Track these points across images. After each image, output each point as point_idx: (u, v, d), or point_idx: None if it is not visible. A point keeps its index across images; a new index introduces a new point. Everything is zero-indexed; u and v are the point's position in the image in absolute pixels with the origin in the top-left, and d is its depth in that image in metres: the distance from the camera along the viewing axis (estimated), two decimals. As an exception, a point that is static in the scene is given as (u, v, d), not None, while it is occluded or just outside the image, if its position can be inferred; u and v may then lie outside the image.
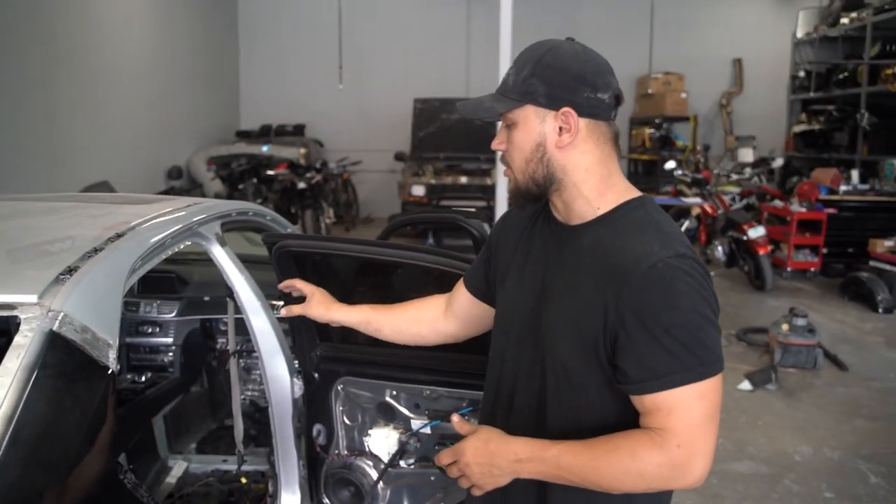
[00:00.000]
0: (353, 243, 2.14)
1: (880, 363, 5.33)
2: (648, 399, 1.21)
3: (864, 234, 7.62)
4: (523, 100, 1.31)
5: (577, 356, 1.29)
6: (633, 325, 1.20)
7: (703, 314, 1.20)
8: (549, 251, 1.40)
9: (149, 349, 3.19)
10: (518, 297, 1.43)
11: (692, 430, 1.19)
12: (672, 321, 1.18)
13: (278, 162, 9.57)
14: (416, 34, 12.12)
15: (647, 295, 1.20)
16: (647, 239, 1.26)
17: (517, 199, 1.39)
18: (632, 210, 1.32)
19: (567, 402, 1.32)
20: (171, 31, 9.42)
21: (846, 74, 10.94)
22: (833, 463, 3.75)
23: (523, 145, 1.33)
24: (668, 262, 1.21)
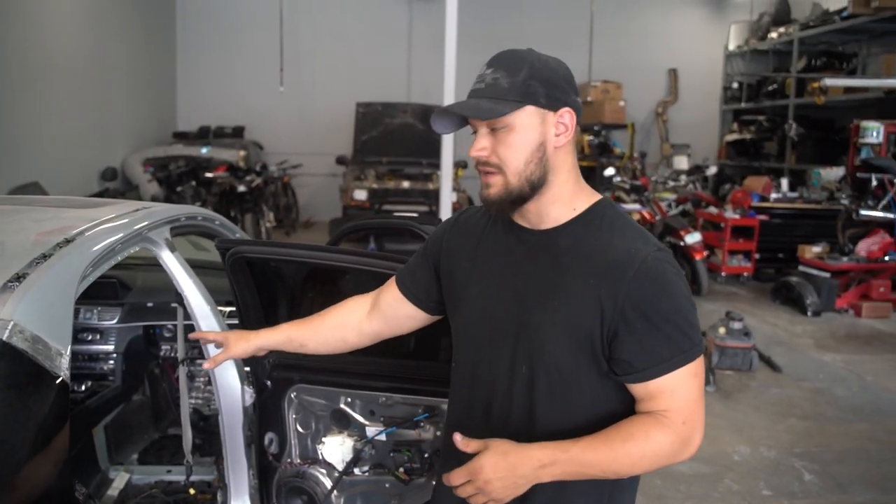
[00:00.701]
0: (308, 249, 2.11)
1: (810, 364, 5.54)
2: (653, 384, 1.28)
3: (794, 240, 7.92)
4: (525, 101, 1.31)
5: (571, 353, 1.32)
6: (635, 317, 1.27)
7: (689, 298, 1.32)
8: (517, 258, 1.41)
9: (88, 357, 3.08)
10: (488, 305, 1.43)
11: (692, 406, 1.30)
12: (670, 308, 1.28)
13: (217, 164, 9.37)
14: (359, 37, 12.06)
15: (644, 287, 1.27)
16: (630, 236, 1.33)
17: (503, 204, 1.36)
18: (604, 210, 1.39)
19: (560, 401, 1.35)
20: (105, 29, 9.13)
21: (775, 86, 11.38)
22: (770, 462, 3.88)
23: (524, 146, 1.33)
24: (655, 256, 1.30)
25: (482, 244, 1.48)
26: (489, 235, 1.48)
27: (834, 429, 4.35)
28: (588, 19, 11.17)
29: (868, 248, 7.18)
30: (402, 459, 2.14)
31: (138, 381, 3.24)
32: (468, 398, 1.47)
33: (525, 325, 1.36)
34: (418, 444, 2.13)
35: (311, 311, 2.39)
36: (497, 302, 1.41)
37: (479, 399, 1.45)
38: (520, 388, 1.38)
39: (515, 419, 1.38)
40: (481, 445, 1.30)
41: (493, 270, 1.44)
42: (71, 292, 1.57)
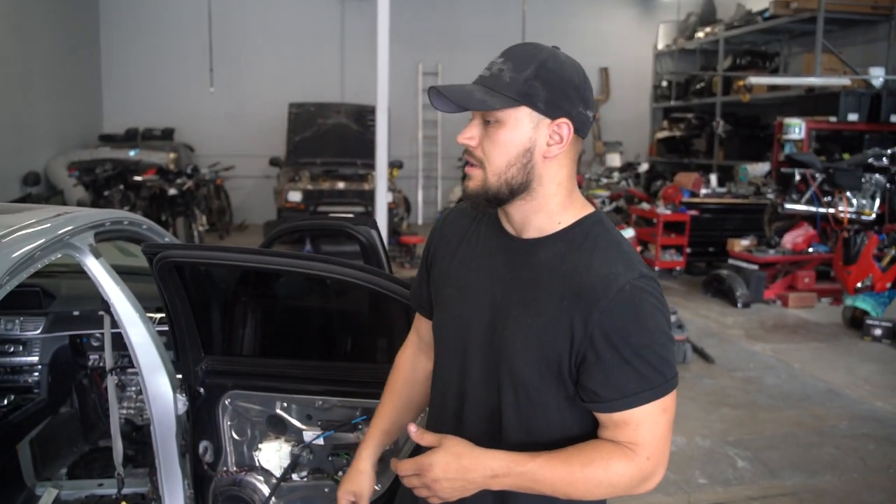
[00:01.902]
0: (238, 252, 2.06)
1: (741, 355, 5.70)
2: (618, 416, 1.23)
3: (724, 234, 8.16)
4: (522, 100, 1.23)
5: (539, 373, 1.27)
6: (604, 347, 1.21)
7: (666, 333, 1.24)
8: (497, 263, 1.35)
9: (11, 369, 2.95)
10: (462, 308, 1.38)
11: (658, 442, 1.25)
12: (641, 343, 1.21)
13: (146, 167, 9.12)
14: (291, 36, 11.91)
15: (616, 317, 1.20)
16: (611, 259, 1.25)
17: (479, 199, 1.29)
18: (591, 227, 1.31)
19: (525, 418, 1.30)
20: (24, 29, 8.78)
21: (703, 85, 11.70)
22: (704, 451, 3.98)
23: (509, 147, 1.25)
24: (635, 284, 1.22)
25: (463, 244, 1.42)
26: (472, 235, 1.42)
27: (765, 416, 4.49)
28: (520, 19, 11.25)
29: (793, 241, 7.44)
30: (341, 463, 2.12)
31: (65, 392, 3.12)
32: (441, 402, 1.44)
33: (498, 337, 1.31)
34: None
35: (245, 316, 2.36)
36: (473, 306, 1.36)
37: (451, 403, 1.41)
38: (488, 399, 1.34)
39: (482, 429, 1.34)
40: (436, 441, 1.27)
41: (470, 273, 1.38)
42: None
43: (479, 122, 1.28)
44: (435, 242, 1.50)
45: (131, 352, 2.17)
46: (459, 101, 1.24)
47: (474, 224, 1.42)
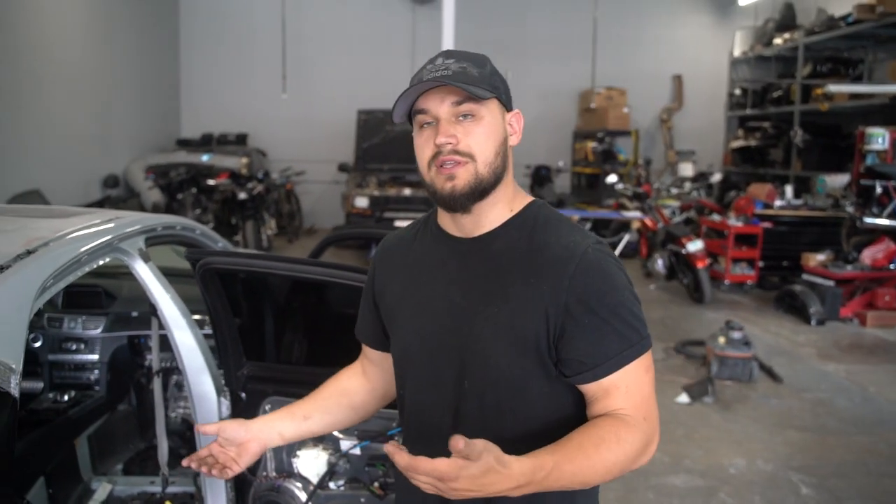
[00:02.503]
0: (279, 261, 2.08)
1: (812, 375, 5.46)
2: (606, 381, 1.23)
3: (798, 248, 7.82)
4: (494, 93, 1.29)
5: (516, 361, 1.27)
6: (581, 312, 1.23)
7: (632, 291, 1.28)
8: (449, 269, 1.35)
9: (73, 367, 3.07)
10: (421, 325, 1.36)
11: (648, 402, 1.26)
12: (615, 301, 1.24)
13: (219, 171, 9.39)
14: (362, 43, 12.08)
15: (588, 280, 1.24)
16: (566, 232, 1.31)
17: (474, 195, 1.28)
18: (538, 209, 1.36)
19: (510, 414, 1.29)
20: (108, 38, 9.17)
21: (780, 93, 11.30)
22: (766, 475, 3.81)
23: (493, 137, 1.29)
24: (596, 248, 1.27)
25: (410, 264, 1.42)
26: (416, 253, 1.42)
27: (833, 441, 4.27)
28: (591, 26, 11.14)
29: (873, 256, 7.09)
30: (377, 474, 2.11)
31: (124, 390, 3.22)
32: (416, 427, 1.39)
33: (465, 337, 1.30)
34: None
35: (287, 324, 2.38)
36: (432, 317, 1.35)
37: (428, 425, 1.36)
38: (467, 407, 1.31)
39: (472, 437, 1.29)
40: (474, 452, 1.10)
41: (424, 286, 1.37)
42: (27, 305, 1.54)
43: (453, 121, 1.28)
44: (376, 275, 1.50)
45: (176, 354, 2.22)
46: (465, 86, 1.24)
47: (415, 243, 1.44)
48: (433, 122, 1.29)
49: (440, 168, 1.29)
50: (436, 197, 1.32)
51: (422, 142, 1.32)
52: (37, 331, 2.98)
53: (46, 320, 3.03)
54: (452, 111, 1.28)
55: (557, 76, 12.58)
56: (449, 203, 1.30)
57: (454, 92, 1.27)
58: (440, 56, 1.32)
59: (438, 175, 1.29)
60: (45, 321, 3.03)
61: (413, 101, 1.31)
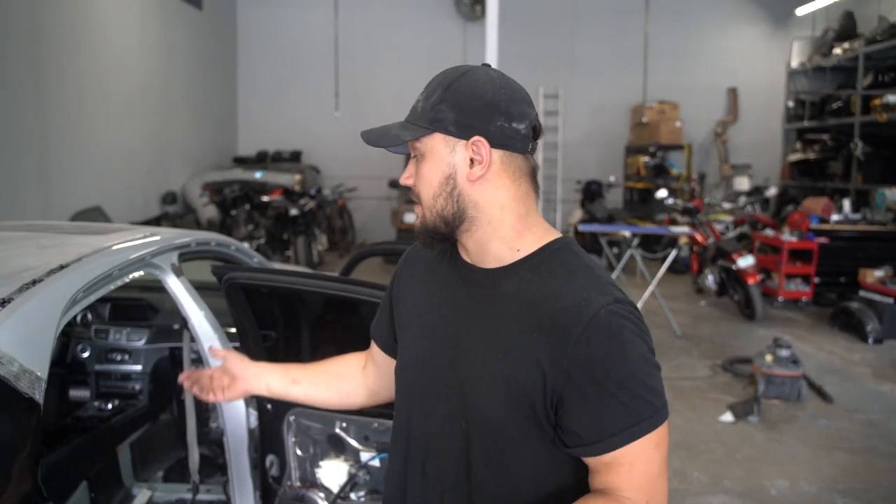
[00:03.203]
0: (303, 277, 2.15)
1: (866, 395, 5.28)
2: (607, 457, 1.12)
3: (856, 264, 7.59)
4: (432, 127, 1.18)
5: (509, 415, 1.16)
6: (584, 382, 1.10)
7: (649, 360, 1.14)
8: (459, 296, 1.26)
9: (118, 376, 3.19)
10: (424, 347, 1.29)
11: (655, 482, 1.14)
12: (624, 373, 1.10)
13: (273, 188, 9.62)
14: (413, 60, 12.22)
15: (594, 348, 1.10)
16: (581, 285, 1.16)
17: (424, 238, 1.25)
18: (556, 252, 1.22)
19: (497, 467, 1.19)
20: (168, 59, 9.52)
21: (840, 104, 10.99)
22: (809, 497, 3.71)
23: (431, 178, 1.20)
24: (610, 310, 1.12)
25: (427, 280, 1.34)
26: (436, 270, 1.33)
27: (884, 464, 4.13)
28: (642, 40, 11.04)
29: (935, 273, 6.84)
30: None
31: (166, 400, 3.34)
32: (404, 453, 1.32)
33: (463, 376, 1.21)
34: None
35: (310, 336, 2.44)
36: (435, 345, 1.26)
37: (415, 454, 1.29)
38: (455, 447, 1.22)
39: (450, 482, 1.23)
40: None
41: (433, 309, 1.29)
42: (55, 317, 1.63)
43: (413, 160, 1.24)
44: (398, 278, 1.44)
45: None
46: (376, 142, 1.23)
47: (437, 257, 1.34)
48: None
49: None
50: None
51: None
52: (84, 342, 3.12)
53: (94, 332, 3.16)
54: (412, 150, 1.24)
55: (609, 90, 12.51)
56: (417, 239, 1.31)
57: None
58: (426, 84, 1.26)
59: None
60: (93, 332, 3.16)
61: None
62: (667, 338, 6.69)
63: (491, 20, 6.07)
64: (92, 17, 7.62)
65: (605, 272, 1.24)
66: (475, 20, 12.08)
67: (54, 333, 1.62)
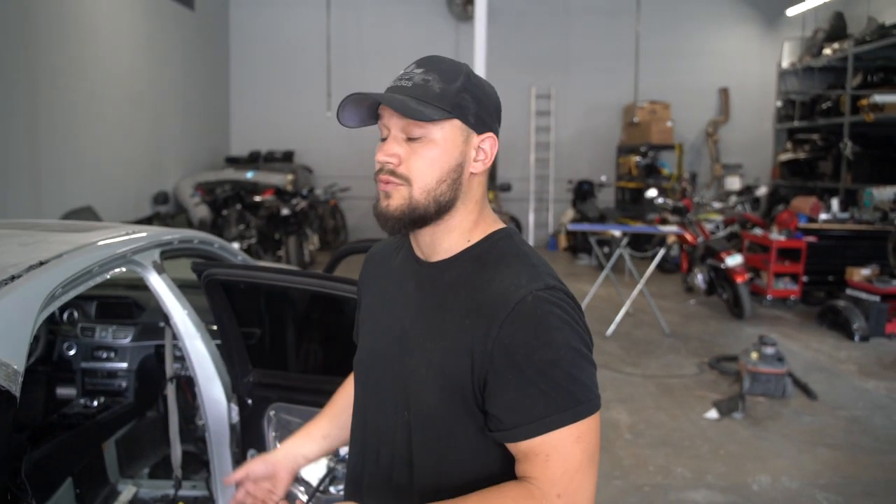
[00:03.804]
0: (284, 274, 2.18)
1: (850, 392, 5.33)
2: (524, 445, 1.11)
3: (845, 263, 7.64)
4: (455, 113, 1.17)
5: (444, 403, 1.17)
6: (505, 366, 1.11)
7: (576, 349, 1.11)
8: (407, 291, 1.28)
9: (105, 374, 3.21)
10: (376, 342, 1.32)
11: (571, 477, 1.11)
12: (545, 358, 1.09)
13: (264, 188, 9.64)
14: (405, 60, 12.04)
15: (517, 332, 1.10)
16: (514, 272, 1.17)
17: (404, 221, 1.19)
18: (497, 242, 1.23)
19: (435, 455, 1.20)
20: (160, 58, 9.53)
21: (830, 104, 11.06)
22: (790, 493, 3.75)
23: (440, 163, 1.18)
24: (538, 296, 1.12)
25: (382, 278, 1.36)
26: (391, 268, 1.35)
27: (866, 460, 4.17)
28: (633, 40, 11.10)
29: (921, 271, 6.90)
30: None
31: (152, 398, 3.36)
32: (361, 443, 1.34)
33: (405, 368, 1.22)
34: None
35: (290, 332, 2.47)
36: (384, 339, 1.29)
37: (369, 446, 1.31)
38: (400, 437, 1.24)
39: (397, 470, 1.25)
40: None
41: (385, 305, 1.32)
42: (33, 312, 1.66)
43: (402, 139, 1.19)
44: (360, 281, 1.45)
45: (188, 362, 2.34)
46: (398, 108, 1.15)
47: (393, 254, 1.36)
48: (387, 135, 1.21)
49: (380, 184, 1.21)
50: (374, 212, 1.23)
51: (377, 151, 1.22)
52: (70, 340, 3.14)
53: (80, 329, 3.19)
54: (402, 127, 1.18)
55: (600, 90, 12.56)
56: (381, 222, 1.21)
57: None
58: (414, 63, 1.22)
59: (379, 190, 1.22)
60: (79, 330, 3.18)
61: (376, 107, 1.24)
62: (655, 336, 6.74)
63: (479, 20, 6.10)
64: (83, 17, 7.64)
65: (546, 262, 1.24)
66: (467, 20, 12.11)
67: (32, 328, 1.64)
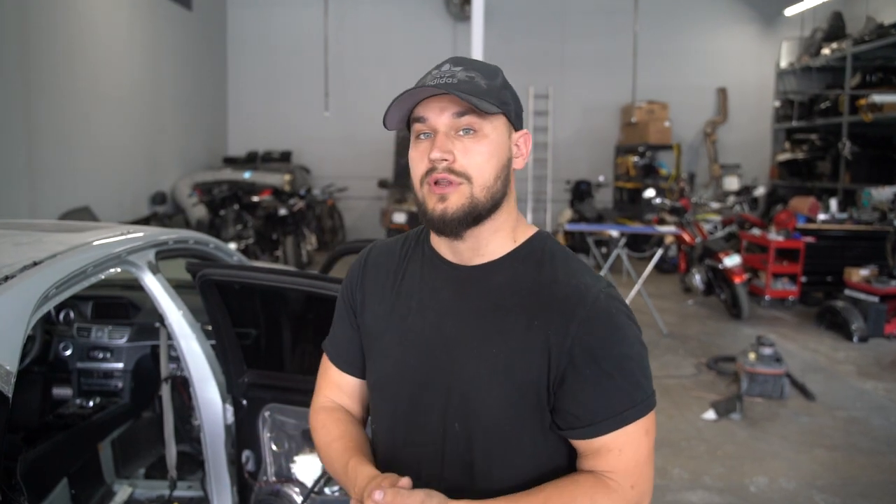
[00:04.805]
0: (278, 274, 2.17)
1: (848, 392, 5.32)
2: (599, 441, 1.14)
3: (844, 263, 7.63)
4: (502, 108, 1.17)
5: (512, 406, 1.16)
6: (584, 363, 1.12)
7: (642, 344, 1.18)
8: (442, 298, 1.23)
9: (101, 374, 3.20)
10: (407, 354, 1.24)
11: (642, 468, 1.16)
12: (624, 354, 1.14)
13: (262, 188, 9.63)
14: (402, 60, 12.24)
15: (596, 329, 1.13)
16: (575, 270, 1.20)
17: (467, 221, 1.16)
18: (544, 242, 1.25)
19: (499, 461, 1.19)
20: (158, 58, 9.52)
21: (828, 104, 11.06)
22: (788, 494, 3.74)
23: (496, 157, 1.17)
24: (608, 293, 1.17)
25: (399, 286, 1.29)
26: (408, 273, 1.29)
27: (864, 461, 4.17)
28: (631, 40, 11.07)
29: (919, 271, 6.89)
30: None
31: (148, 398, 3.35)
32: (392, 468, 1.21)
33: (457, 377, 1.18)
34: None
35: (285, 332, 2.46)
36: (420, 351, 1.22)
37: (406, 468, 1.21)
38: (453, 450, 1.20)
39: (450, 484, 1.19)
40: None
41: (411, 314, 1.25)
42: (27, 312, 1.65)
43: (453, 135, 1.16)
44: (360, 285, 1.35)
45: (183, 362, 2.33)
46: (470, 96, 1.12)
47: (406, 262, 1.31)
48: (430, 134, 1.17)
49: (433, 186, 1.16)
50: (426, 218, 1.19)
51: (417, 154, 1.19)
52: (67, 340, 3.13)
53: (76, 330, 3.18)
54: (452, 124, 1.16)
55: (598, 90, 12.55)
56: (439, 226, 1.17)
57: (456, 102, 1.14)
58: (447, 62, 1.20)
59: (430, 194, 1.17)
60: (75, 331, 3.18)
61: (411, 109, 1.20)
62: (653, 336, 6.73)
63: (476, 20, 6.09)
64: (81, 16, 7.62)
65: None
66: (465, 20, 12.10)
67: (25, 328, 1.63)
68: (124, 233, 2.32)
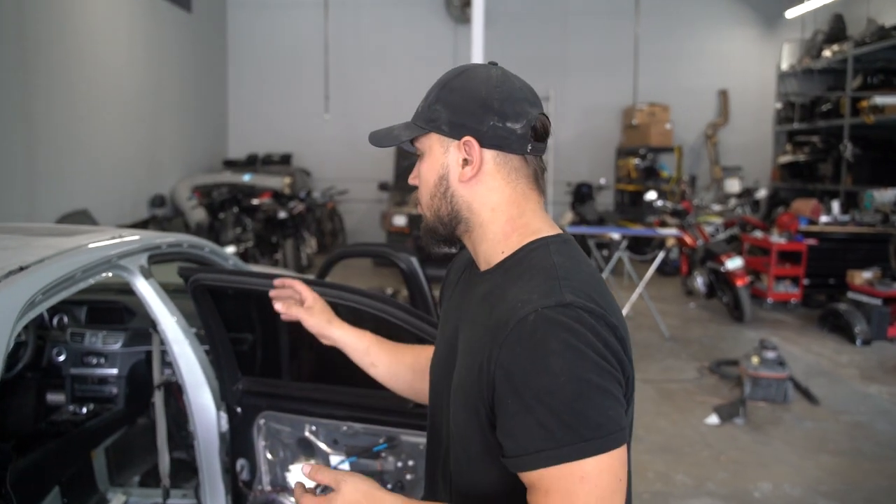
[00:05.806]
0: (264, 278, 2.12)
1: (852, 396, 5.27)
2: (525, 476, 1.02)
3: (846, 266, 7.58)
4: (427, 127, 1.18)
5: (468, 421, 1.12)
6: (504, 391, 1.02)
7: (582, 378, 0.97)
8: (463, 302, 1.25)
9: (95, 380, 3.15)
10: (438, 355, 1.30)
11: None
12: (542, 386, 0.98)
13: (261, 191, 9.59)
14: (403, 62, 12.21)
15: (515, 354, 1.01)
16: (530, 286, 1.07)
17: (425, 238, 1.26)
18: (530, 252, 1.14)
19: (466, 472, 1.17)
20: (157, 59, 9.48)
21: (829, 106, 11.02)
22: (792, 499, 3.70)
23: (428, 177, 1.20)
24: (543, 314, 1.00)
25: (454, 285, 1.35)
26: (461, 276, 1.34)
27: (868, 466, 4.12)
28: (632, 42, 11.05)
29: (923, 274, 6.84)
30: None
31: (142, 404, 3.30)
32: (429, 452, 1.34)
33: (452, 380, 1.20)
34: (381, 474, 2.10)
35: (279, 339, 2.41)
36: (443, 349, 1.28)
37: (433, 455, 1.31)
38: (445, 454, 1.24)
39: (440, 486, 1.26)
40: (332, 480, 1.11)
41: (448, 316, 1.30)
42: (11, 318, 1.61)
43: (419, 161, 1.24)
44: (444, 286, 1.42)
45: (175, 368, 2.28)
46: (377, 141, 1.26)
47: (472, 263, 1.30)
48: None
49: None
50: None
51: None
52: (60, 345, 3.09)
53: (70, 335, 3.13)
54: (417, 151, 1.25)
55: (600, 93, 12.52)
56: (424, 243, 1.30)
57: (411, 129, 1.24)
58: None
59: None
60: (69, 336, 3.13)
61: None
62: (655, 340, 6.68)
63: (477, 22, 6.05)
64: (80, 19, 7.59)
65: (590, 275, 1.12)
66: (465, 22, 12.06)
67: (9, 335, 1.59)
68: (116, 236, 2.28)
